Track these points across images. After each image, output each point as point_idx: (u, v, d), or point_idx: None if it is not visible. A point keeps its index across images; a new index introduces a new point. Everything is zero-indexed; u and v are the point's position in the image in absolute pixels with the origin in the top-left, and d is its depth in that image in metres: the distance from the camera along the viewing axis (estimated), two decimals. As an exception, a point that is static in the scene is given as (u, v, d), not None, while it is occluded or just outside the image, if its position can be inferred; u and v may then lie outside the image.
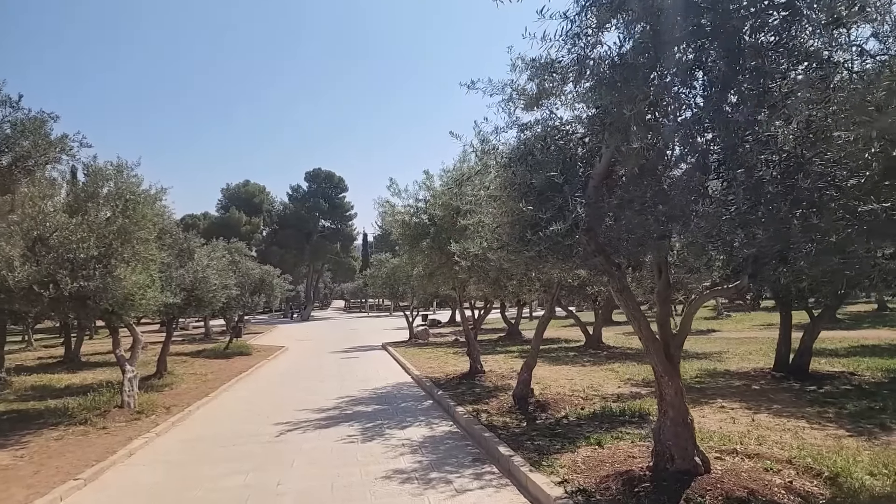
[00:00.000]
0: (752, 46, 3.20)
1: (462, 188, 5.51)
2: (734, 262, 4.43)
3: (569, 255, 4.55)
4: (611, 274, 4.90)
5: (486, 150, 5.20)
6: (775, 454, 6.01)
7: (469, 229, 7.64)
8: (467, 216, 7.89)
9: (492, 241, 5.16)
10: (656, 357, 5.20)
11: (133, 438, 8.58)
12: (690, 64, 3.47)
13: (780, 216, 3.46)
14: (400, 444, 7.91)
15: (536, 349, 9.90)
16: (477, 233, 6.96)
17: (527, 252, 4.58)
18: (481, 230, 6.43)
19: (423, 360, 17.74)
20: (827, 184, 3.42)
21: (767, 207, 3.48)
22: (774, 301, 11.85)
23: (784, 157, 3.52)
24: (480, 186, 5.71)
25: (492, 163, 5.18)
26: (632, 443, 6.73)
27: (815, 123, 3.49)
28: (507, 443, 7.03)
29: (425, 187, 12.57)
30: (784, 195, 3.46)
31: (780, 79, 3.22)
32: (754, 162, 3.50)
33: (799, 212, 3.46)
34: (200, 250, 15.48)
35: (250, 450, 7.96)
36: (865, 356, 13.65)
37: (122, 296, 10.08)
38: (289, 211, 68.72)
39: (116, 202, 10.27)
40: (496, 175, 5.01)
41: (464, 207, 8.35)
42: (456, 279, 12.57)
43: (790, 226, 3.48)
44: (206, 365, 18.50)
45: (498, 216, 5.15)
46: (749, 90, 3.26)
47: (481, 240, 6.21)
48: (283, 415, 10.33)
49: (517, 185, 4.67)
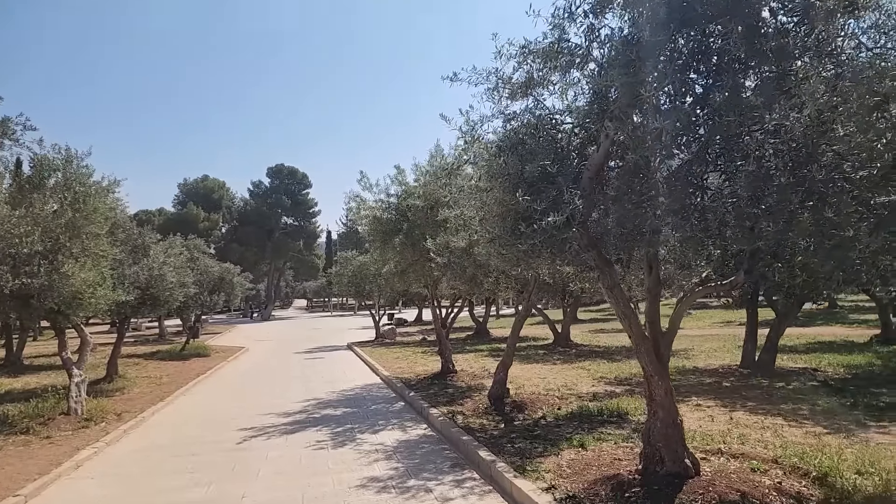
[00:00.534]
0: (773, 27, 2.97)
1: (451, 178, 5.16)
2: (731, 257, 4.23)
3: (562, 250, 4.28)
4: (602, 270, 4.66)
5: (474, 136, 4.87)
6: (760, 453, 5.90)
7: (450, 222, 7.31)
8: (447, 209, 7.56)
9: (482, 234, 4.81)
10: (646, 356, 4.98)
11: (80, 448, 7.98)
12: (707, 44, 3.23)
13: (791, 208, 3.25)
14: (373, 449, 7.54)
15: (512, 348, 9.66)
16: (460, 226, 6.65)
17: (520, 245, 4.28)
18: (466, 223, 6.13)
19: (391, 360, 17.36)
20: (839, 175, 3.23)
21: (777, 199, 3.26)
22: (765, 298, 11.89)
23: (794, 147, 3.31)
24: (467, 176, 5.37)
25: (480, 152, 4.85)
26: (615, 444, 6.53)
27: (825, 113, 3.30)
28: (487, 446, 6.75)
29: (397, 182, 12.21)
30: (794, 186, 3.25)
31: (798, 62, 3.00)
32: (763, 152, 3.28)
33: (810, 204, 3.26)
34: (156, 247, 14.74)
35: (211, 459, 7.46)
36: (825, 353, 13.92)
37: (69, 294, 9.46)
38: (250, 207, 67.13)
39: (65, 194, 9.62)
40: (485, 164, 4.69)
41: (444, 200, 8.01)
42: (429, 276, 12.25)
43: (800, 219, 3.27)
44: (160, 367, 17.71)
45: (485, 208, 4.83)
46: (769, 73, 3.03)
47: (468, 233, 5.86)
48: (246, 420, 9.82)
49: (508, 176, 4.37)
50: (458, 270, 9.11)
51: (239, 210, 67.97)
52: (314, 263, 74.16)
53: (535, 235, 4.03)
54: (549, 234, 3.95)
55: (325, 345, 25.31)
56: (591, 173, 4.20)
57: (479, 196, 5.00)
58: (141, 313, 16.35)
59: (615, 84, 3.46)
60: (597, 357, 15.71)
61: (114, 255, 11.36)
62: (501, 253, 4.73)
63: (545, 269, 5.35)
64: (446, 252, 9.44)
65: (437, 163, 11.44)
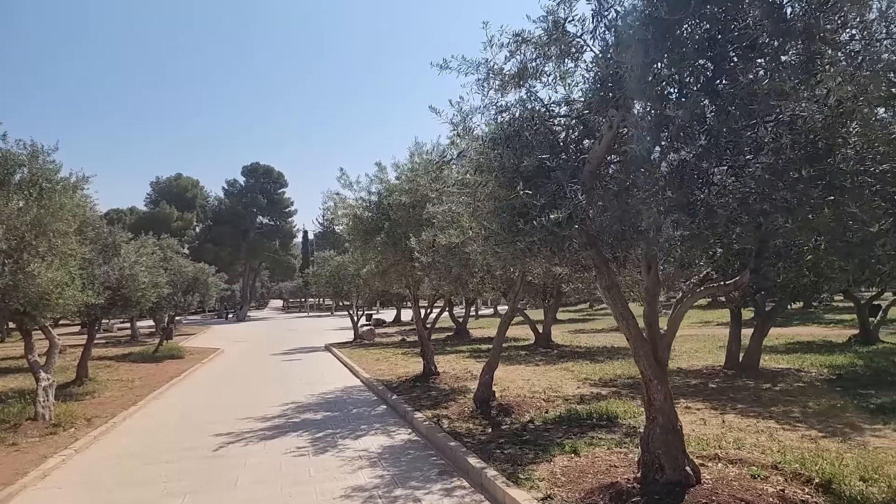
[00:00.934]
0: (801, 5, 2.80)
1: (441, 172, 4.90)
2: (735, 256, 4.07)
3: (561, 248, 4.06)
4: (600, 269, 4.45)
5: (466, 128, 4.63)
6: (758, 459, 5.76)
7: (438, 219, 7.05)
8: (433, 205, 7.30)
9: (476, 230, 4.56)
10: (645, 360, 4.80)
11: (48, 456, 7.57)
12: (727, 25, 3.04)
13: (811, 202, 3.09)
14: (356, 455, 7.24)
15: (498, 350, 9.44)
16: (447, 223, 6.40)
17: (519, 243, 4.05)
18: (454, 220, 5.87)
19: (371, 361, 17.06)
20: (861, 168, 3.07)
21: (795, 193, 3.09)
22: (757, 299, 11.85)
23: (811, 138, 3.14)
24: (459, 171, 5.10)
25: (472, 145, 4.61)
26: (608, 449, 6.34)
27: (844, 103, 3.14)
28: (476, 452, 6.49)
29: (378, 179, 11.95)
30: (815, 179, 3.08)
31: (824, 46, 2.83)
32: (778, 143, 3.11)
33: (831, 198, 3.10)
34: (128, 246, 14.24)
35: (186, 467, 7.10)
36: (805, 353, 14.00)
37: (35, 294, 9.02)
38: (224, 206, 66.13)
39: (30, 190, 9.17)
40: (478, 158, 4.45)
41: (431, 196, 7.75)
42: (411, 277, 12.00)
43: (820, 214, 3.11)
44: (132, 370, 17.16)
45: (477, 203, 4.60)
46: (794, 57, 2.86)
47: (457, 230, 5.61)
48: (222, 425, 9.45)
49: (504, 169, 4.14)
50: (443, 270, 8.87)
51: (213, 209, 66.94)
52: (290, 264, 73.32)
53: (535, 232, 3.81)
54: (550, 231, 3.73)
55: (303, 346, 24.89)
56: (591, 167, 4.00)
57: (469, 191, 4.76)
58: (112, 314, 15.84)
59: (625, 67, 3.25)
60: (579, 358, 15.60)
61: (83, 254, 10.90)
62: (496, 251, 4.49)
63: (539, 268, 5.13)
64: (430, 251, 9.20)
65: (418, 159, 11.22)
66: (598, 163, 4.01)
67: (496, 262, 4.84)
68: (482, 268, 8.82)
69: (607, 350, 17.25)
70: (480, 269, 8.83)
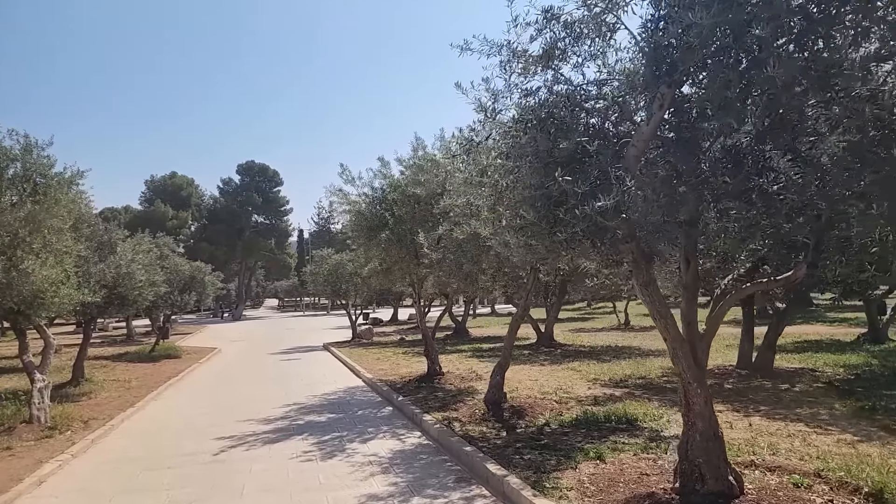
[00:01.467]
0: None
1: (470, 156, 4.52)
2: (788, 249, 3.77)
3: (602, 240, 3.73)
4: (638, 264, 4.13)
5: (495, 110, 4.28)
6: (798, 466, 5.46)
7: (454, 211, 6.71)
8: (448, 197, 6.95)
9: (509, 221, 4.19)
10: (684, 362, 4.47)
11: (44, 461, 7.23)
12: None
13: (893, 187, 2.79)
14: (366, 461, 6.91)
15: (509, 350, 9.12)
16: (466, 215, 6.04)
17: (559, 234, 3.72)
18: (475, 212, 5.52)
19: (371, 361, 16.74)
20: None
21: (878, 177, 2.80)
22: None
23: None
24: (485, 158, 4.72)
25: (500, 129, 4.27)
26: (635, 455, 6.02)
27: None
28: (493, 458, 6.18)
29: (380, 175, 11.63)
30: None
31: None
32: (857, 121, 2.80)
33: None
34: (124, 244, 13.88)
35: (188, 473, 6.77)
36: (816, 352, 13.76)
37: (29, 293, 8.70)
38: (219, 205, 65.63)
39: (23, 185, 8.82)
40: (509, 142, 4.11)
41: (448, 187, 7.41)
42: (415, 274, 11.69)
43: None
44: (129, 370, 16.80)
45: (506, 192, 4.25)
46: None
47: (482, 222, 5.19)
48: (223, 427, 9.12)
49: (538, 154, 3.82)
50: (453, 266, 8.54)
51: (208, 208, 66.47)
52: (286, 262, 72.86)
53: (578, 222, 3.48)
54: (593, 221, 3.41)
55: (301, 345, 24.55)
56: (637, 150, 3.66)
57: (496, 179, 4.42)
58: (108, 313, 15.47)
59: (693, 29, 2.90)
60: (584, 357, 15.32)
61: (78, 251, 10.55)
62: (530, 244, 4.15)
63: (566, 263, 4.76)
64: (439, 247, 8.89)
65: (421, 152, 10.94)
66: (644, 146, 3.68)
67: (527, 256, 4.46)
68: (492, 264, 8.51)
69: (612, 349, 16.99)
70: (490, 266, 8.51)
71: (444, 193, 7.69)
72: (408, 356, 17.47)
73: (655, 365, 12.94)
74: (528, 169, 3.91)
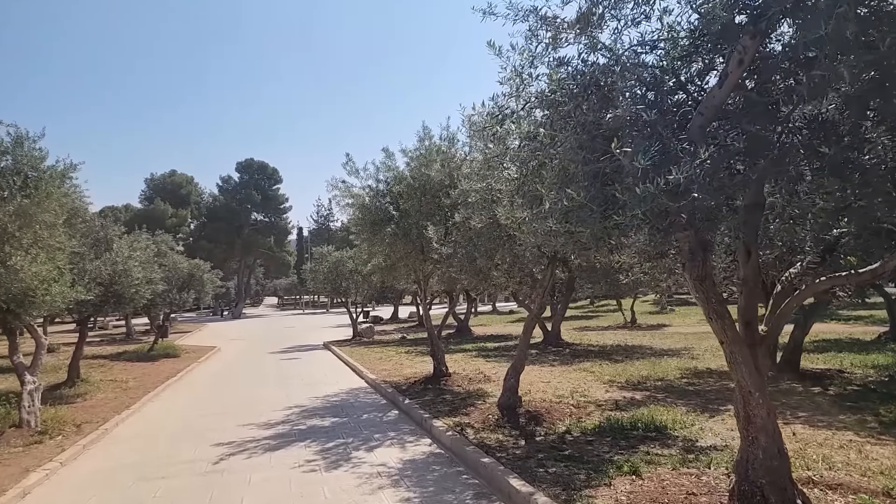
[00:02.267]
0: None
1: (504, 126, 3.95)
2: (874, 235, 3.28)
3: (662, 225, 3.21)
4: (694, 255, 3.66)
5: (529, 76, 3.79)
6: (861, 483, 4.96)
7: (472, 197, 6.21)
8: (467, 180, 6.45)
9: (552, 202, 3.60)
10: (745, 367, 3.99)
11: (31, 470, 6.82)
12: None
13: None
14: (374, 471, 6.46)
15: (524, 351, 8.67)
16: (486, 202, 5.56)
17: (616, 217, 3.21)
18: (496, 198, 5.02)
19: (374, 360, 16.33)
20: None
21: None
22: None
23: None
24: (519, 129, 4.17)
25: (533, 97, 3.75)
26: (673, 469, 5.47)
27: None
28: (515, 470, 5.68)
29: (385, 167, 11.20)
30: None
31: None
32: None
33: None
34: (120, 240, 13.45)
35: (184, 484, 6.34)
36: (839, 352, 13.27)
37: (19, 290, 8.29)
38: (219, 203, 65.23)
39: (13, 178, 8.40)
40: (549, 112, 3.61)
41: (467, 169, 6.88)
42: (421, 271, 11.27)
43: None
44: (127, 369, 16.38)
45: (543, 170, 3.72)
46: None
47: (509, 207, 4.59)
48: (222, 432, 8.70)
49: (584, 125, 3.34)
50: (464, 261, 8.07)
51: (208, 206, 66.13)
52: (285, 260, 72.47)
53: (639, 204, 2.99)
54: (657, 202, 2.91)
55: (301, 344, 24.15)
56: (703, 119, 3.17)
57: (522, 158, 3.91)
58: (104, 311, 15.06)
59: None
60: (595, 357, 14.87)
61: (71, 247, 10.12)
62: (573, 231, 3.63)
63: (606, 254, 4.23)
64: (449, 241, 8.44)
65: (428, 143, 10.56)
66: (714, 113, 3.21)
67: (566, 244, 3.90)
68: (505, 259, 8.04)
69: (623, 349, 16.55)
70: (504, 260, 8.04)
71: (458, 181, 7.21)
72: (411, 355, 17.06)
73: (672, 365, 12.50)
74: (573, 141, 3.41)
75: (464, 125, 6.43)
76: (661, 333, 21.15)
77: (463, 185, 6.86)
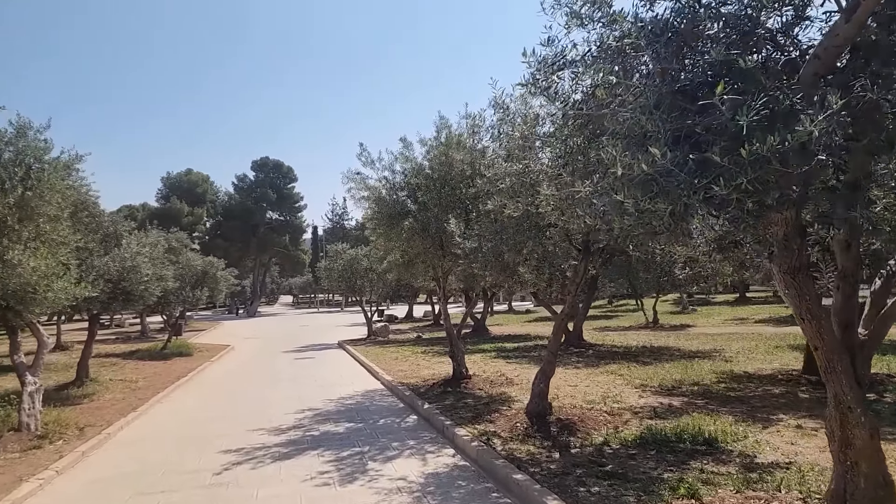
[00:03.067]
0: None
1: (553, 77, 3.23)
2: None
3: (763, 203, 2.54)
4: (790, 242, 3.03)
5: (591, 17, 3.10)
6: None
7: (505, 182, 5.57)
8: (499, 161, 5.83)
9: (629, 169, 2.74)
10: (844, 378, 3.33)
11: (24, 479, 6.35)
12: None
13: None
14: (393, 486, 5.85)
15: (555, 355, 8.02)
16: (521, 188, 4.92)
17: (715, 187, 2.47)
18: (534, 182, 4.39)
19: (390, 361, 15.76)
20: None
21: None
22: None
23: None
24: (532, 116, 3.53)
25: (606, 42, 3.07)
26: (737, 492, 4.78)
27: None
28: (552, 489, 5.03)
29: (403, 157, 10.63)
30: None
31: None
32: None
33: None
34: (130, 236, 13.03)
35: (187, 498, 5.79)
36: (880, 354, 12.43)
37: (18, 286, 7.83)
38: (234, 201, 65.17)
39: (15, 169, 7.97)
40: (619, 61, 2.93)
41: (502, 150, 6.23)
42: (440, 267, 10.68)
43: None
44: (138, 368, 16.02)
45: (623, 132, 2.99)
46: None
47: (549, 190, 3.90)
48: (231, 438, 8.18)
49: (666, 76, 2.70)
50: (491, 256, 7.43)
51: (223, 204, 66.13)
52: (300, 259, 72.30)
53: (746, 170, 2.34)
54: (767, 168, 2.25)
55: (315, 343, 23.70)
56: (818, 65, 2.48)
57: (568, 132, 3.27)
58: (113, 309, 14.68)
59: None
60: (621, 359, 14.14)
61: (77, 241, 9.67)
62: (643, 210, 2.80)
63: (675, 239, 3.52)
64: (473, 234, 7.83)
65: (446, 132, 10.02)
66: (836, 55, 2.55)
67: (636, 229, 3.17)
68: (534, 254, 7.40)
69: (649, 350, 15.79)
70: (532, 256, 7.39)
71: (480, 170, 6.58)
72: (427, 356, 16.49)
73: (706, 368, 11.74)
74: (651, 96, 2.68)
75: (490, 106, 5.78)
76: (685, 334, 20.35)
77: (495, 169, 6.19)
